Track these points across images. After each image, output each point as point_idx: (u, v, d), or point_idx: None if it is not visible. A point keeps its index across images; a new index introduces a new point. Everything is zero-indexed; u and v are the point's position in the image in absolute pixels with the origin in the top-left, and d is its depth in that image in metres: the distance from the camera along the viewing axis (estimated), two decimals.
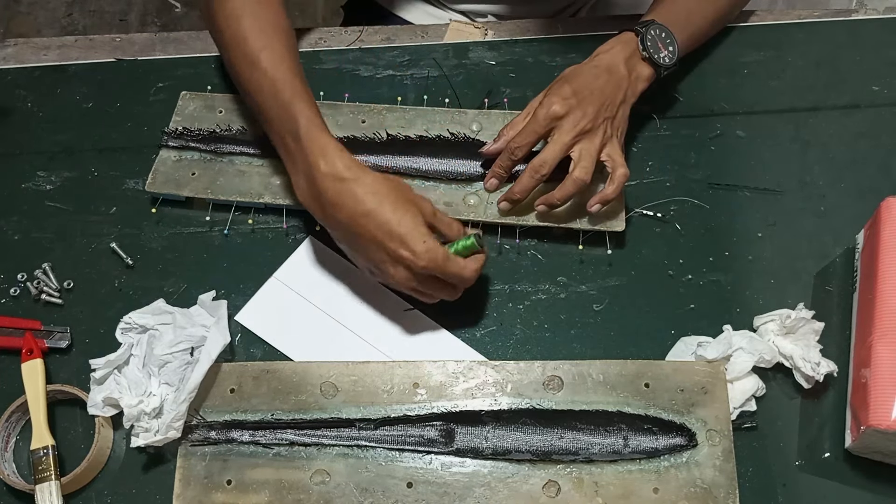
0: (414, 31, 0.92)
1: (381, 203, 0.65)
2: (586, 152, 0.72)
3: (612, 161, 0.73)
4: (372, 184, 0.66)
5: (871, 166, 0.80)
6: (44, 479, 0.65)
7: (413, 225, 0.65)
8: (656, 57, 0.77)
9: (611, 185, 0.72)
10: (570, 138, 0.72)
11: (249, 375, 0.69)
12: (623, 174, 0.72)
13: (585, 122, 0.72)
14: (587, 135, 0.72)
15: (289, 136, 0.69)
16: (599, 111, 0.72)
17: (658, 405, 0.67)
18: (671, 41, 0.78)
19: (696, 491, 0.64)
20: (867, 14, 0.90)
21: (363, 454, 0.66)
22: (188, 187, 0.78)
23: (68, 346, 0.73)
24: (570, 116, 0.72)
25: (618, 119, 0.75)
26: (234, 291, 0.75)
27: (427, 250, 0.65)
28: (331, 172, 0.66)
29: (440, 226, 0.68)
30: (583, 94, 0.72)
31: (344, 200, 0.66)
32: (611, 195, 0.72)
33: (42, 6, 2.07)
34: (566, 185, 0.72)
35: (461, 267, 0.67)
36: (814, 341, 0.67)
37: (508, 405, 0.67)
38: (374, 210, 0.65)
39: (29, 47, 0.92)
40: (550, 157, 0.72)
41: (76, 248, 0.78)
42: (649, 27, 0.77)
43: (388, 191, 0.66)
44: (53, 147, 0.84)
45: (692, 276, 0.75)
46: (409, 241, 0.65)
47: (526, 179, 0.73)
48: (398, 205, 0.66)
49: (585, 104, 0.72)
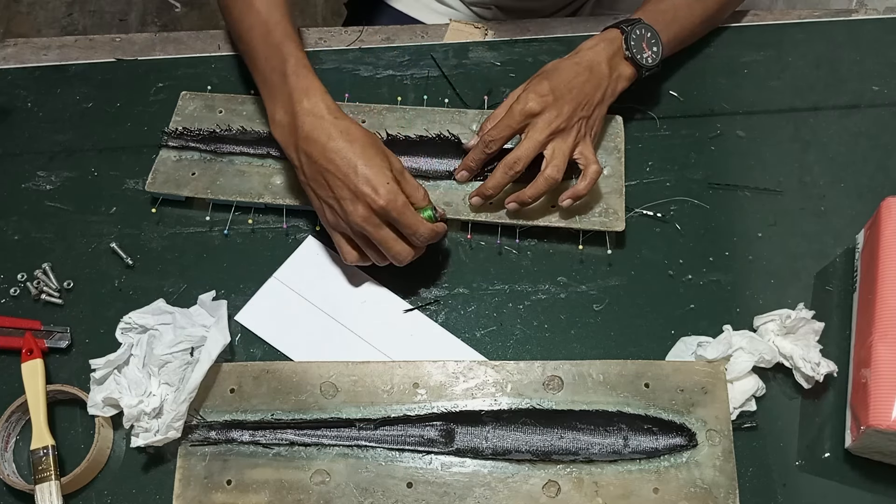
0: (414, 31, 0.92)
1: (352, 143, 0.68)
2: (559, 151, 0.72)
3: (585, 158, 0.73)
4: (348, 127, 0.69)
5: (871, 166, 0.80)
6: (44, 479, 0.65)
7: (380, 168, 0.68)
8: (639, 57, 0.77)
9: (583, 181, 0.72)
10: (544, 136, 0.72)
11: (249, 375, 0.69)
12: (595, 170, 0.72)
13: (560, 122, 0.72)
14: (561, 133, 0.72)
15: (275, 74, 0.72)
16: (575, 110, 0.73)
17: (658, 405, 0.67)
18: (656, 41, 0.78)
19: (696, 491, 0.64)
20: (867, 14, 0.90)
21: (363, 454, 0.66)
22: (188, 187, 0.78)
23: (68, 346, 0.73)
24: (545, 114, 0.72)
25: (593, 119, 0.75)
26: (234, 291, 0.75)
27: (389, 191, 0.67)
28: (312, 110, 0.69)
29: (406, 186, 0.70)
30: (560, 92, 0.72)
31: (318, 135, 0.68)
32: (583, 191, 0.73)
33: (42, 6, 2.07)
34: (538, 183, 0.72)
35: (419, 220, 0.68)
36: (814, 341, 0.67)
37: (508, 405, 0.67)
38: (345, 148, 0.68)
39: (29, 47, 0.92)
40: (524, 154, 0.72)
41: (76, 248, 0.78)
42: (635, 26, 0.77)
43: (362, 136, 0.69)
44: (53, 147, 0.84)
45: (692, 276, 0.75)
46: (373, 179, 0.67)
47: (499, 176, 0.73)
48: (368, 149, 0.68)
49: (562, 103, 0.72)
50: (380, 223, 0.68)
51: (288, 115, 0.71)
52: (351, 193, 0.67)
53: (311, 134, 0.69)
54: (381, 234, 0.68)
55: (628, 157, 0.80)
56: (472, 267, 0.76)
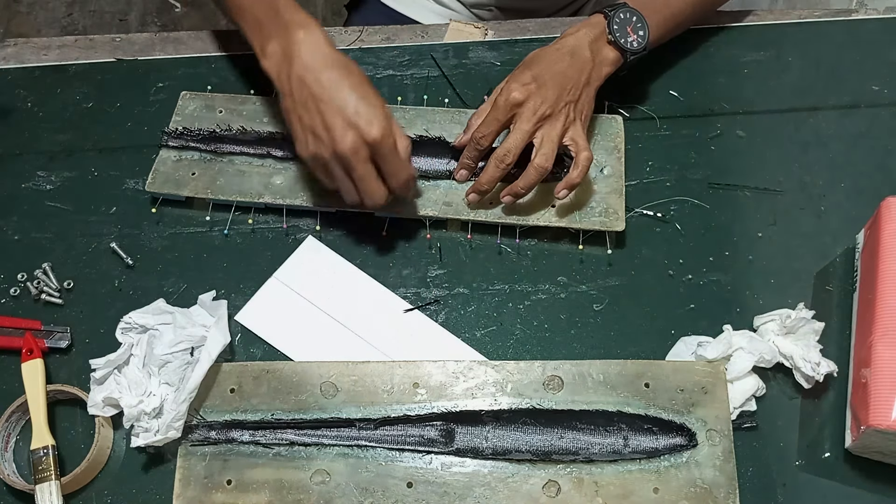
0: (414, 31, 0.92)
1: (350, 75, 0.68)
2: (547, 138, 0.72)
3: (576, 145, 0.72)
4: (346, 61, 0.69)
5: (871, 166, 0.80)
6: (44, 479, 0.65)
7: (377, 104, 0.68)
8: (623, 41, 0.76)
9: (575, 170, 0.72)
10: (531, 125, 0.71)
11: (249, 375, 0.69)
12: (587, 157, 0.72)
13: (545, 108, 0.71)
14: (548, 120, 0.72)
15: (266, 12, 0.72)
16: (560, 95, 0.72)
17: (658, 405, 0.67)
18: (642, 25, 0.77)
19: (696, 491, 0.64)
20: (867, 14, 0.90)
21: (363, 454, 0.66)
22: (188, 187, 0.78)
23: (68, 346, 0.73)
24: (529, 102, 0.71)
25: (581, 102, 0.74)
26: (234, 291, 0.75)
27: (383, 127, 0.67)
28: (309, 40, 0.69)
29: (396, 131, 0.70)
30: (543, 79, 0.72)
31: (315, 63, 0.68)
32: (576, 179, 0.72)
33: (42, 6, 2.07)
34: (529, 174, 0.72)
35: (405, 163, 0.69)
36: (814, 341, 0.67)
37: (508, 405, 0.67)
38: (344, 78, 0.67)
39: (29, 47, 0.92)
40: (513, 145, 0.72)
41: (76, 248, 0.78)
42: (618, 10, 0.76)
43: (359, 72, 0.69)
44: (53, 147, 0.84)
45: (692, 276, 0.75)
46: (369, 112, 0.67)
47: (492, 169, 0.73)
48: (366, 84, 0.68)
49: (545, 89, 0.72)
50: (366, 157, 0.68)
51: (282, 46, 0.70)
52: (343, 122, 0.67)
53: (307, 61, 0.68)
54: (364, 168, 0.68)
55: (628, 157, 0.79)
56: (472, 267, 0.76)
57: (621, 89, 0.83)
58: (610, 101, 0.82)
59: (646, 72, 0.85)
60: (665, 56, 0.86)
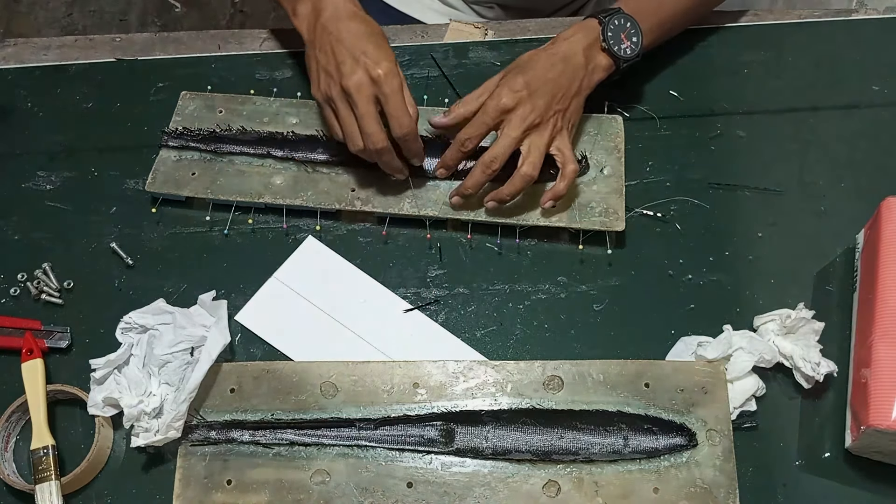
0: (414, 30, 0.92)
1: (371, 31, 0.72)
2: (535, 147, 0.72)
3: (562, 155, 0.73)
4: (368, 18, 0.74)
5: (871, 166, 0.80)
6: (44, 479, 0.65)
7: (386, 50, 0.71)
8: (616, 49, 0.76)
9: (561, 181, 0.72)
10: (519, 133, 0.72)
11: (249, 375, 0.69)
12: (572, 170, 0.72)
13: (535, 117, 0.71)
14: (536, 129, 0.72)
15: None
16: (550, 104, 0.72)
17: (658, 405, 0.67)
18: (635, 32, 0.76)
19: (696, 491, 0.64)
20: (867, 14, 0.90)
21: (363, 454, 0.66)
22: (188, 187, 0.78)
23: (68, 346, 0.73)
24: (519, 110, 0.72)
25: (570, 111, 0.74)
26: (234, 291, 0.75)
27: (390, 68, 0.70)
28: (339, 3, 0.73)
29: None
30: (534, 87, 0.72)
31: (341, 14, 0.73)
32: (562, 191, 0.72)
33: (42, 6, 2.07)
34: (514, 181, 0.72)
35: (407, 109, 0.71)
36: (814, 341, 0.67)
37: (508, 405, 0.67)
38: (363, 29, 0.72)
39: (29, 47, 0.92)
40: (500, 151, 0.72)
41: (76, 248, 0.78)
42: (613, 16, 0.76)
43: (381, 31, 0.73)
44: (53, 147, 0.84)
45: (692, 276, 0.75)
46: (379, 54, 0.70)
47: (478, 174, 0.73)
48: (383, 39, 0.72)
49: (536, 97, 0.72)
50: (369, 96, 0.69)
51: (312, 3, 0.74)
52: (352, 60, 0.70)
53: (332, 13, 0.73)
54: (366, 107, 0.70)
55: (628, 157, 0.79)
56: (472, 267, 0.76)
57: (621, 89, 0.83)
58: (610, 101, 0.82)
59: (645, 72, 0.85)
60: (665, 56, 0.86)
